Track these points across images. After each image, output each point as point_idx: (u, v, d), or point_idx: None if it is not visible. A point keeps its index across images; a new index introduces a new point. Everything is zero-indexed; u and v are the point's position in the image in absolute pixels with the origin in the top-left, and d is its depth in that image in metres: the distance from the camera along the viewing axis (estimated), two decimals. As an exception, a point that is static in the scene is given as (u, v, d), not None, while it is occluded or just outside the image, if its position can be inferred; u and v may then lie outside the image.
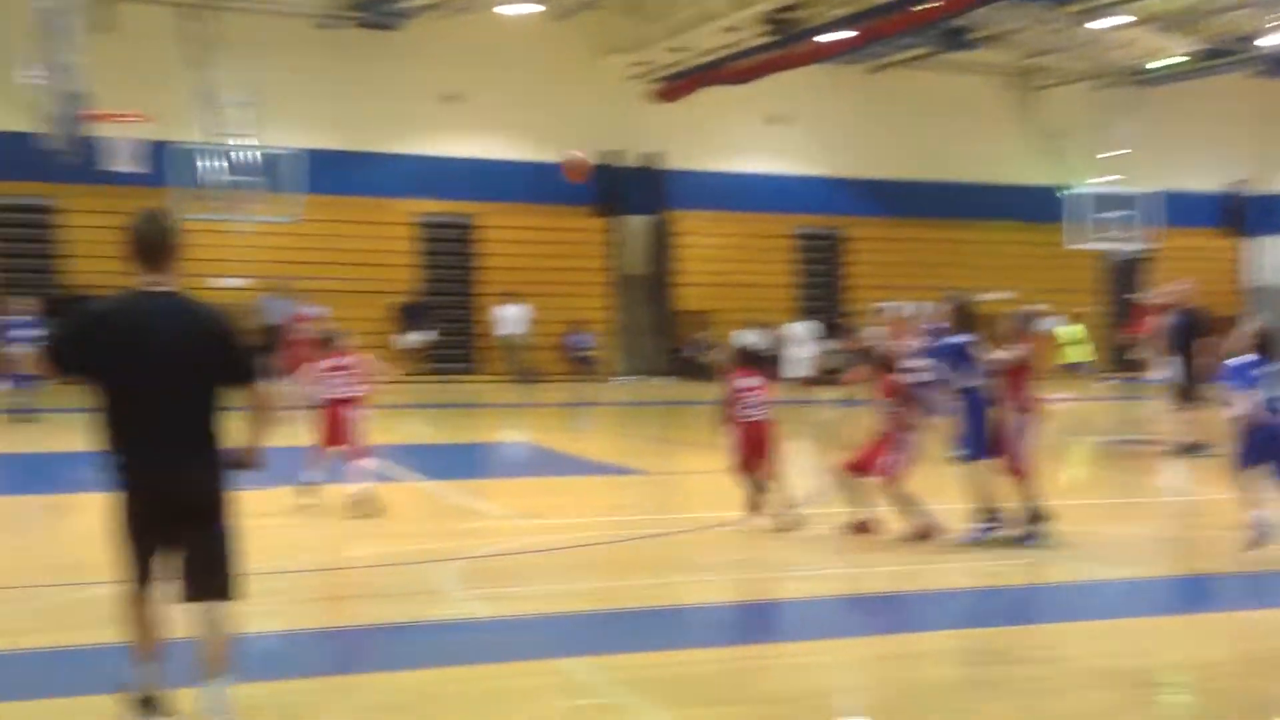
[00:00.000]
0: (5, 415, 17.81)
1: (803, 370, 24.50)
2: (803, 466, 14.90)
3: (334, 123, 28.12)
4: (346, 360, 11.43)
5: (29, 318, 17.55)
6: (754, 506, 10.31)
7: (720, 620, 7.72)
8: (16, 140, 18.66)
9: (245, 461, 5.43)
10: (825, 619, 7.94)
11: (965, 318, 9.86)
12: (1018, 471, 9.67)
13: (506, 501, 11.88)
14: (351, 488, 10.86)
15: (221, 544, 5.35)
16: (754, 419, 10.24)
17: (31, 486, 13.32)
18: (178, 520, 5.26)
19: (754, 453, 10.25)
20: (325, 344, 11.80)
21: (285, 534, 10.19)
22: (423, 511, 11.80)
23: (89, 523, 5.44)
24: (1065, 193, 31.52)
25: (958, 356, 9.70)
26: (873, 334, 20.85)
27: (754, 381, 10.35)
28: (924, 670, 6.65)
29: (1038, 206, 32.38)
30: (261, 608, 7.79)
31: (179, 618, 5.45)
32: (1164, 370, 16.11)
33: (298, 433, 11.65)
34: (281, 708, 5.81)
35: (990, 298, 32.54)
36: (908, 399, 9.90)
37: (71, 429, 5.76)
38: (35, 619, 7.27)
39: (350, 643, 6.98)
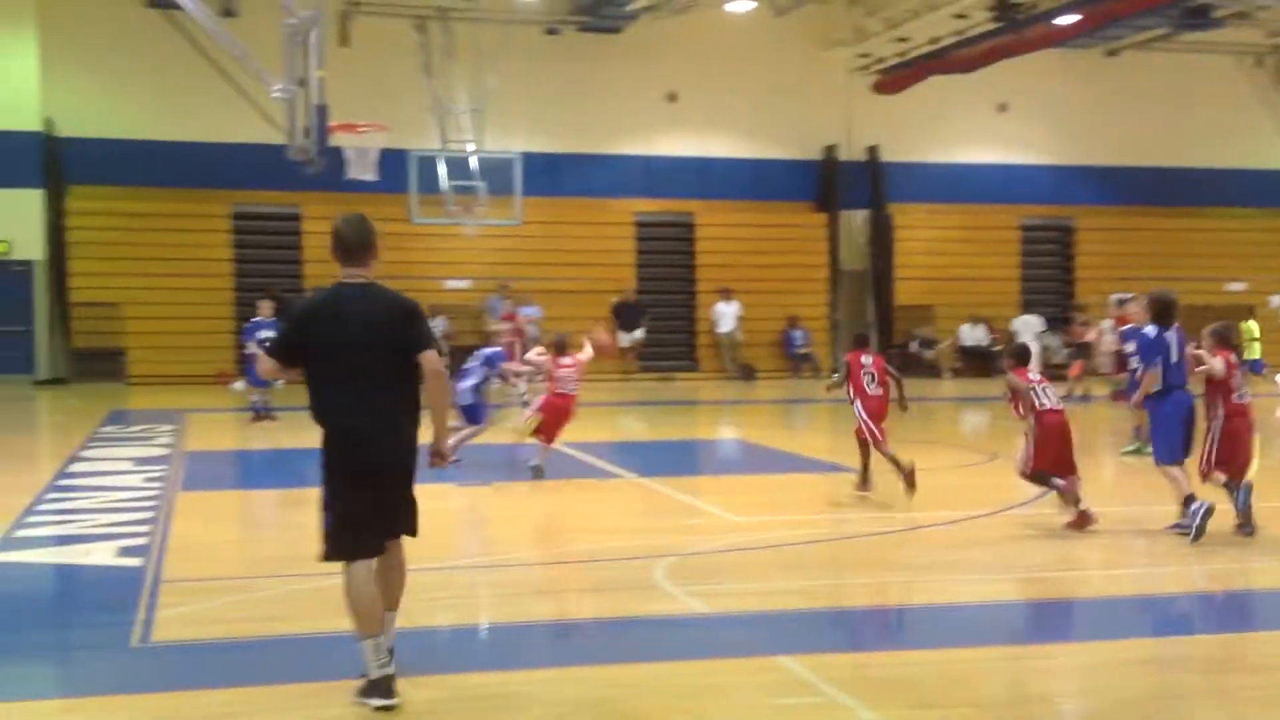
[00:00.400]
0: (246, 413, 18.88)
1: (1030, 365, 23.95)
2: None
3: (557, 126, 28.74)
4: (576, 360, 12.79)
5: (269, 319, 18.54)
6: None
7: (933, 621, 7.64)
8: (266, 152, 19.64)
9: (437, 449, 6.11)
10: (1039, 622, 7.77)
11: (1162, 312, 9.86)
12: (1210, 474, 9.62)
13: (722, 498, 11.97)
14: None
15: (410, 493, 6.09)
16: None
17: (266, 481, 14.10)
18: (375, 473, 5.95)
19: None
20: (561, 347, 12.95)
21: (502, 529, 10.56)
22: (639, 508, 12.01)
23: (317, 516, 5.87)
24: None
25: (1150, 352, 9.73)
26: (1105, 326, 20.15)
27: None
28: (1140, 677, 6.45)
29: (1286, 191, 30.78)
30: (479, 600, 8.13)
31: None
32: None
33: (500, 431, 12.07)
34: (497, 697, 6.02)
35: (1233, 289, 31.22)
36: (1017, 393, 10.16)
37: (306, 426, 6.23)
38: (266, 609, 7.63)
39: (565, 635, 7.18)
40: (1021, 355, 10.69)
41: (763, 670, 6.44)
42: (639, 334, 28.32)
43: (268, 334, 17.16)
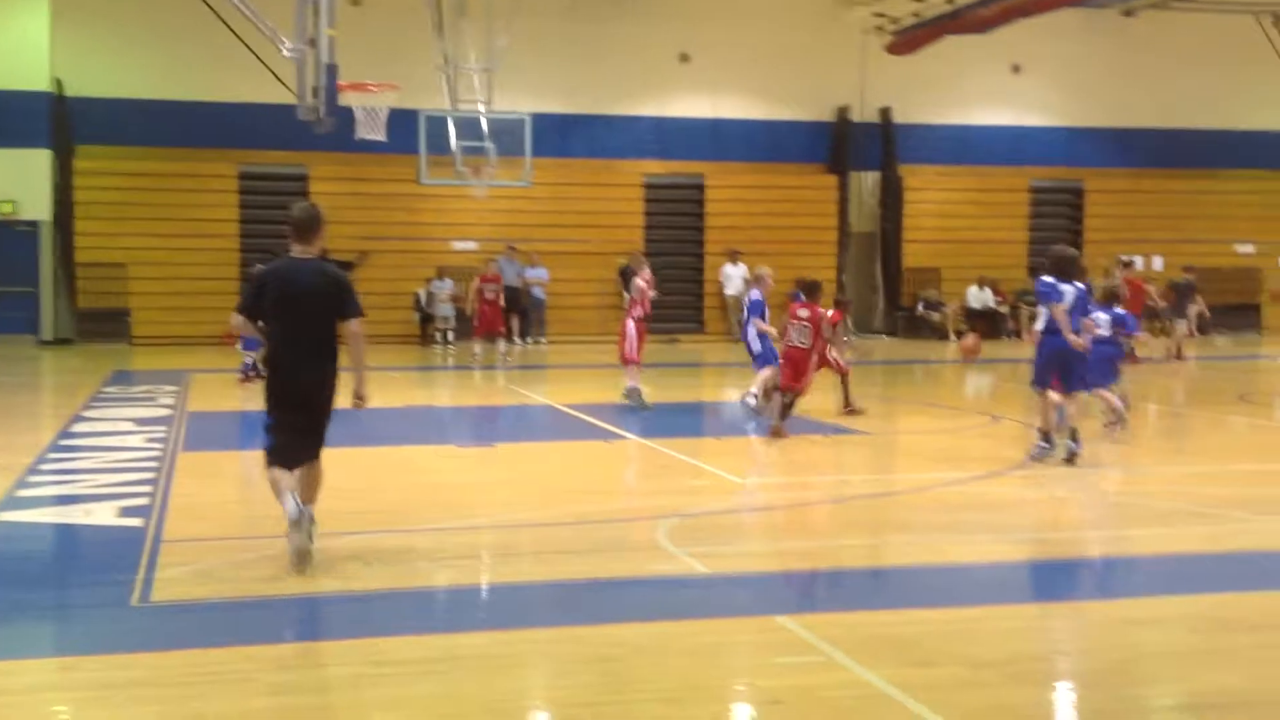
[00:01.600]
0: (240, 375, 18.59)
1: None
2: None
3: (568, 87, 28.59)
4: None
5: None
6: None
7: (931, 581, 7.62)
8: (274, 112, 19.52)
9: (358, 394, 7.73)
10: (1039, 582, 7.77)
11: (1059, 266, 11.41)
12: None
13: (726, 460, 11.97)
14: None
15: (324, 424, 7.73)
16: None
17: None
18: (303, 404, 7.63)
19: None
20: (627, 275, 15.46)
21: (502, 490, 10.54)
22: (643, 469, 12.03)
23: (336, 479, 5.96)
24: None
25: (1046, 296, 11.37)
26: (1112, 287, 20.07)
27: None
28: (1143, 636, 6.44)
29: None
30: (479, 560, 8.15)
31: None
32: None
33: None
34: (503, 656, 6.04)
35: (1242, 251, 31.06)
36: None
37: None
38: (266, 568, 7.50)
39: (565, 595, 7.18)
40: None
41: (762, 630, 6.45)
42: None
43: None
